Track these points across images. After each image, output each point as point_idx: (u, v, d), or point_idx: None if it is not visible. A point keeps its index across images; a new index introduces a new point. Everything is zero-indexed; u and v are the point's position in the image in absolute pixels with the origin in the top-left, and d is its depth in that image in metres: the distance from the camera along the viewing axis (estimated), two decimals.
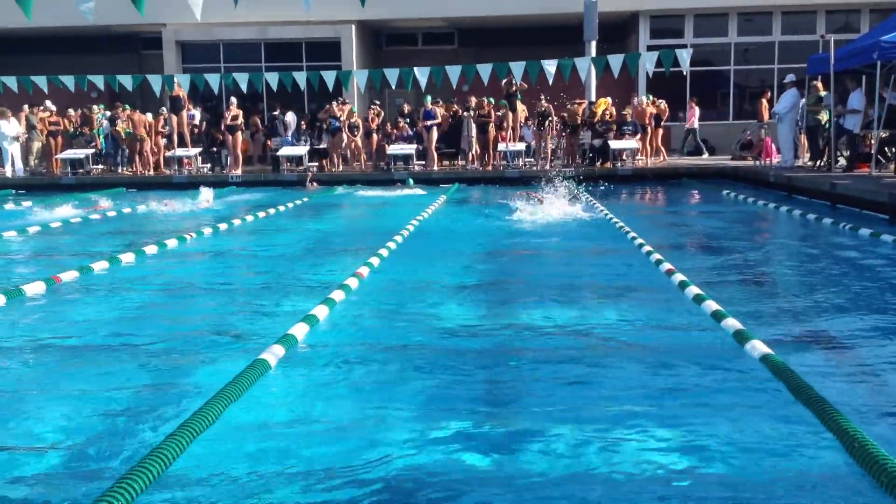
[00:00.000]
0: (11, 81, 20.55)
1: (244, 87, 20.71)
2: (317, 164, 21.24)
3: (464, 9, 24.87)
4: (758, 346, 4.82)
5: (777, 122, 18.24)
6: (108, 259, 8.82)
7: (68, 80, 20.73)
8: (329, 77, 20.38)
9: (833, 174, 15.27)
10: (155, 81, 21.19)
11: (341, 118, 20.95)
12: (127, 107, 21.36)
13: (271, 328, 5.79)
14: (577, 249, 10.03)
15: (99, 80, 20.82)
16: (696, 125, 23.14)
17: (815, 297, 6.86)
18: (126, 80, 20.77)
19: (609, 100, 21.31)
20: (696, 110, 22.99)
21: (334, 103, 21.09)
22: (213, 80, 20.99)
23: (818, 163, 17.13)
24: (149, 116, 21.47)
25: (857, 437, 3.36)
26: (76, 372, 5.03)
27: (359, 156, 21.63)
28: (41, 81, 20.72)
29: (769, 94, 22.11)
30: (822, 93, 17.07)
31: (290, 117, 22.39)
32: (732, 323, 5.42)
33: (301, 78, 20.49)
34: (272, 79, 20.60)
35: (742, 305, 6.30)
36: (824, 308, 6.47)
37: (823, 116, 16.84)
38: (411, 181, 19.47)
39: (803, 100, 17.81)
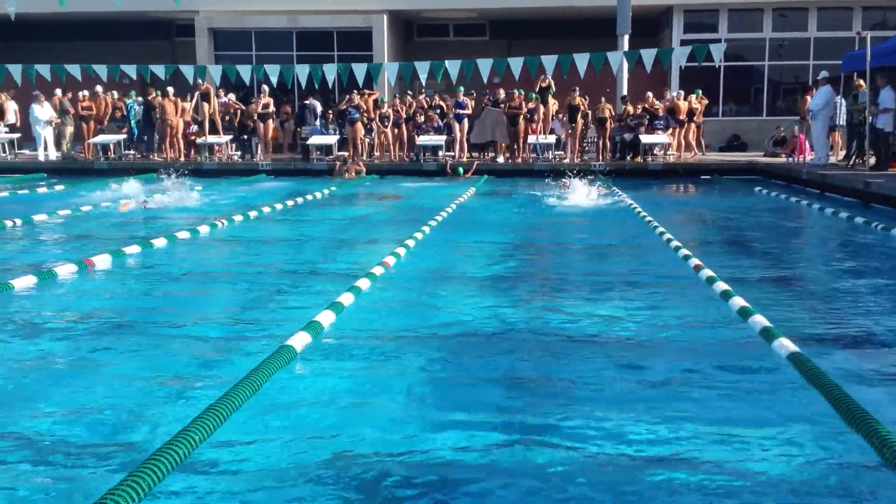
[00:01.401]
0: (45, 70, 20.74)
1: (274, 80, 20.80)
2: (347, 153, 21.28)
3: (496, 0, 24.80)
4: (785, 344, 4.78)
5: (811, 120, 18.04)
6: (140, 243, 8.91)
7: (101, 70, 20.87)
8: (360, 70, 20.40)
9: (867, 173, 15.08)
10: (188, 71, 21.32)
11: (363, 108, 20.98)
12: (158, 93, 21.49)
13: (298, 315, 5.82)
14: (604, 243, 10.01)
15: (132, 70, 20.94)
16: None
17: (844, 296, 6.79)
18: (159, 70, 20.88)
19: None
20: None
21: (355, 93, 21.08)
22: (245, 72, 21.08)
23: (851, 161, 16.94)
24: (179, 102, 21.58)
25: (886, 436, 3.33)
26: (105, 354, 5.09)
27: (388, 146, 21.65)
28: (74, 70, 20.90)
29: (813, 91, 21.81)
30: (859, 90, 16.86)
31: (315, 104, 22.44)
32: (760, 320, 5.37)
33: (331, 71, 20.51)
34: (303, 72, 20.63)
35: (770, 302, 6.25)
36: (854, 307, 6.40)
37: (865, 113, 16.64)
38: (461, 169, 19.61)
39: (838, 97, 17.59)
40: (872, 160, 16.14)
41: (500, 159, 21.03)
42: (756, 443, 3.66)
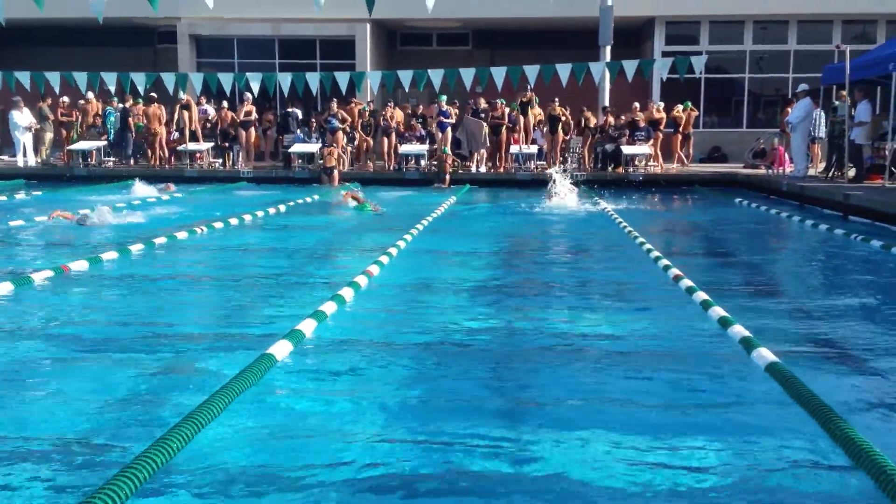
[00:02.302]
0: (25, 77, 20.58)
1: (256, 89, 20.73)
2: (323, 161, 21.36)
3: (479, 10, 24.82)
4: (764, 354, 4.79)
5: (790, 132, 18.19)
6: (118, 250, 8.84)
7: (81, 78, 20.72)
8: (342, 78, 20.38)
9: (846, 185, 15.21)
10: (169, 79, 21.22)
11: (349, 118, 20.97)
12: (140, 100, 21.44)
13: (279, 324, 5.80)
14: (585, 254, 10.05)
15: (112, 78, 20.78)
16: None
17: (823, 307, 6.83)
18: (139, 79, 20.75)
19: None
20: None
21: (334, 103, 21.04)
22: (227, 80, 21.01)
23: (831, 173, 17.10)
24: (163, 110, 21.54)
25: (862, 446, 3.34)
26: (82, 362, 5.05)
27: (370, 155, 21.67)
28: (54, 78, 20.73)
29: (793, 103, 21.98)
30: (837, 103, 17.03)
31: (298, 112, 22.43)
32: (739, 330, 5.39)
33: (314, 79, 20.48)
34: (285, 80, 20.58)
35: (750, 313, 6.27)
36: (833, 318, 6.44)
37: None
38: (448, 149, 19.91)
39: (817, 109, 17.74)
40: (852, 172, 16.30)
41: (483, 168, 21.06)
42: (733, 452, 3.67)
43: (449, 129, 20.86)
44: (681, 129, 21.60)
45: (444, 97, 21.08)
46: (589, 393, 4.51)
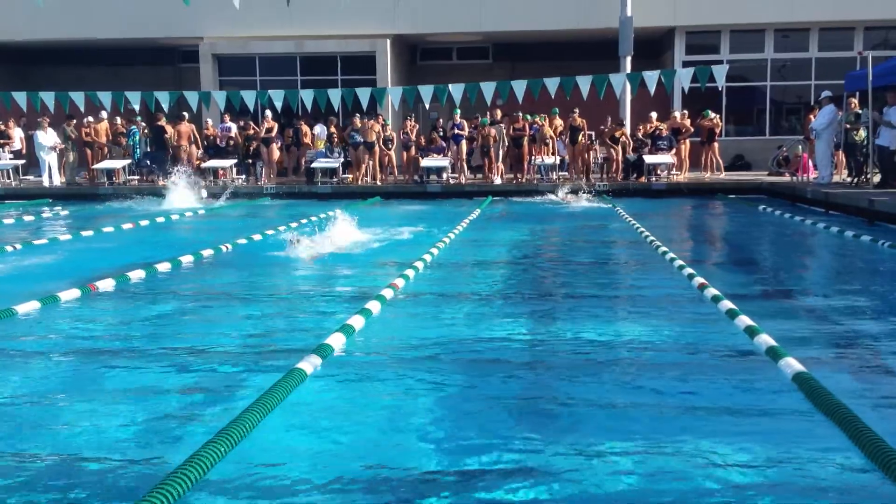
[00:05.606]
0: (49, 98, 20.84)
1: (279, 105, 20.88)
2: (350, 177, 21.51)
3: (499, 23, 24.93)
4: (791, 364, 4.77)
5: (815, 139, 18.09)
6: (144, 268, 8.92)
7: (105, 97, 20.94)
8: (363, 94, 20.51)
9: (871, 191, 15.09)
10: (192, 98, 21.43)
11: (371, 132, 21.08)
12: (165, 118, 21.69)
13: (308, 338, 5.84)
14: (608, 263, 10.04)
15: (136, 97, 20.99)
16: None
17: (851, 315, 6.79)
18: (163, 97, 20.96)
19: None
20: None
21: (356, 117, 21.16)
22: (250, 97, 21.18)
23: (855, 179, 16.97)
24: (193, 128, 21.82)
25: (892, 456, 3.32)
26: (111, 380, 5.08)
27: (392, 169, 21.77)
28: (79, 98, 20.96)
29: (817, 110, 21.85)
30: (860, 110, 16.92)
31: (319, 129, 22.57)
32: (766, 339, 5.37)
33: (335, 95, 20.62)
34: (307, 96, 20.73)
35: (776, 322, 6.24)
36: (860, 326, 6.40)
37: (861, 133, 16.67)
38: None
39: (840, 115, 17.65)
40: (877, 178, 16.17)
41: (498, 180, 21.06)
42: (759, 462, 3.66)
43: (463, 141, 20.98)
44: (717, 136, 21.62)
45: (459, 111, 21.21)
46: (614, 402, 4.51)
